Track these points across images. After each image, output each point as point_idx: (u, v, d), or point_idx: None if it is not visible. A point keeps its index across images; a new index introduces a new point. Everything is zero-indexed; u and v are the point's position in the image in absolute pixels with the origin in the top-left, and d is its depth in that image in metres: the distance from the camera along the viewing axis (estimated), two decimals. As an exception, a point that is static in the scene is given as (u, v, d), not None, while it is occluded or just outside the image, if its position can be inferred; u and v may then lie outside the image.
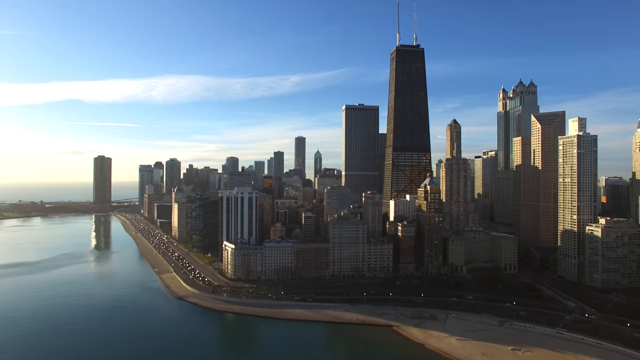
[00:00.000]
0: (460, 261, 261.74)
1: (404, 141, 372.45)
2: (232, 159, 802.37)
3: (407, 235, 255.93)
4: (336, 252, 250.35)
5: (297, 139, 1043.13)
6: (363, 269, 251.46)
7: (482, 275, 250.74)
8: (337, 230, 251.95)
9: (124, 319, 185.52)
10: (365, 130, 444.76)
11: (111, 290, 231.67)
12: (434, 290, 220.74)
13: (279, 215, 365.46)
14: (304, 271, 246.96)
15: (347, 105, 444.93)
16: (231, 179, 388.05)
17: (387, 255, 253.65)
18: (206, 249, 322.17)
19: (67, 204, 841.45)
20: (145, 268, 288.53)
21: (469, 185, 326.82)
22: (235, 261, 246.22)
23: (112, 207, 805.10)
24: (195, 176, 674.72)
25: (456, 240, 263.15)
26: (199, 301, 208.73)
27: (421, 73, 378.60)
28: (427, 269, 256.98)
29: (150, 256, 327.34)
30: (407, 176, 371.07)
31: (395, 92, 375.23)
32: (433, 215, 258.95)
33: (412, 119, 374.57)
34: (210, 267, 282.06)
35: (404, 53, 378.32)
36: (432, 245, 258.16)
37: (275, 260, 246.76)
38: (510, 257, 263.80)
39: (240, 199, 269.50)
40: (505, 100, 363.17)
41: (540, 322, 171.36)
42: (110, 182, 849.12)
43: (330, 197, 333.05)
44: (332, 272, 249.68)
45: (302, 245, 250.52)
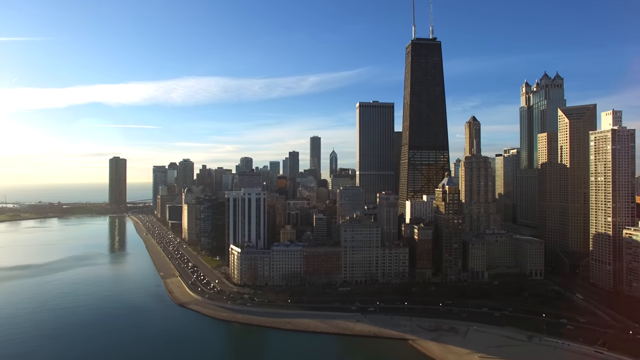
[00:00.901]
0: (481, 266, 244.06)
1: (421, 139, 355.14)
2: (245, 159, 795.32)
3: (424, 238, 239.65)
4: (348, 256, 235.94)
5: (312, 139, 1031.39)
6: (377, 275, 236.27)
7: (505, 282, 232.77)
8: (349, 234, 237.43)
9: (117, 326, 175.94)
10: (380, 128, 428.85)
11: (112, 295, 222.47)
12: (453, 298, 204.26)
13: (290, 217, 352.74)
14: (313, 277, 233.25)
15: (362, 102, 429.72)
16: (241, 179, 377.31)
17: (403, 260, 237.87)
18: (214, 252, 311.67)
19: (83, 204, 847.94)
20: (150, 271, 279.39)
21: (490, 184, 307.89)
22: (242, 266, 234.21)
23: (127, 208, 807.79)
24: (208, 177, 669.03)
25: (477, 243, 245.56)
26: (201, 309, 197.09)
27: (438, 68, 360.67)
28: (446, 275, 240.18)
29: (157, 259, 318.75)
30: (424, 175, 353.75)
31: (411, 87, 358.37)
32: (452, 217, 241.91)
33: (429, 115, 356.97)
34: (218, 271, 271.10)
35: (420, 47, 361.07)
36: (451, 249, 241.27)
37: (283, 265, 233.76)
38: (536, 262, 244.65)
39: (248, 200, 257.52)
40: (528, 95, 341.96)
41: (574, 337, 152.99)
42: (126, 183, 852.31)
43: (343, 197, 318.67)
44: (343, 278, 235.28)
45: (311, 250, 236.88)
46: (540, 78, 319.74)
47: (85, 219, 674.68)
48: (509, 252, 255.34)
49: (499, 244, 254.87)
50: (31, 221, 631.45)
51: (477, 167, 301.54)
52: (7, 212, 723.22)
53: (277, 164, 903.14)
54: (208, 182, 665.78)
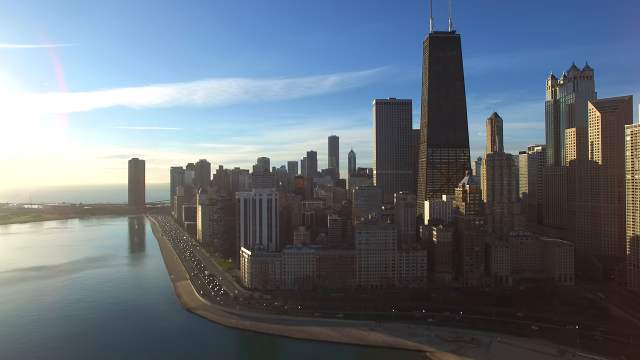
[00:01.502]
0: (505, 271, 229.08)
1: (440, 136, 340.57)
2: (263, 159, 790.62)
3: (443, 240, 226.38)
4: (363, 259, 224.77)
5: (330, 138, 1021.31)
6: (393, 279, 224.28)
7: (532, 288, 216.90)
8: (364, 236, 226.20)
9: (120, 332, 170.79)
10: (397, 126, 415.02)
11: (119, 299, 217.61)
12: (475, 305, 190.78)
13: (305, 218, 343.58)
14: (326, 281, 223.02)
15: (378, 99, 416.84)
16: (255, 179, 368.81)
17: (421, 263, 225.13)
18: (227, 254, 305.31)
19: (104, 205, 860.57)
20: (161, 274, 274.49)
21: (514, 183, 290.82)
22: (252, 269, 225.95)
23: (146, 208, 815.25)
24: (225, 177, 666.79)
25: (500, 246, 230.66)
26: (209, 314, 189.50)
27: (457, 62, 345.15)
28: (467, 280, 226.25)
29: (170, 261, 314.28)
30: (443, 174, 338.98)
31: (429, 83, 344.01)
32: (473, 218, 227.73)
33: (448, 112, 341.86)
34: (229, 274, 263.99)
35: (438, 40, 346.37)
36: (472, 252, 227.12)
37: (295, 268, 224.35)
38: (566, 267, 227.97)
39: (259, 201, 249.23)
40: (554, 88, 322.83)
41: (613, 353, 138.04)
42: (144, 184, 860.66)
43: (358, 198, 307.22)
44: (358, 282, 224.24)
45: (324, 252, 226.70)
46: (567, 70, 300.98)
47: (105, 219, 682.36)
48: (535, 255, 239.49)
49: (524, 247, 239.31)
50: (53, 222, 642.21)
51: (500, 165, 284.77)
52: (31, 212, 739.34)
53: (295, 164, 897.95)
54: (224, 182, 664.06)
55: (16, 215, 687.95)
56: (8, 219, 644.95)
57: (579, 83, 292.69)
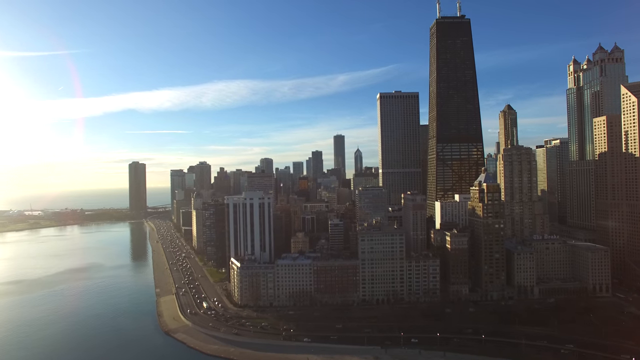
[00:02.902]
0: (530, 280, 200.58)
1: (450, 130, 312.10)
2: (265, 160, 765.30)
3: (458, 247, 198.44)
4: (367, 270, 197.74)
5: (336, 138, 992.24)
6: (402, 293, 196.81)
7: (562, 301, 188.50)
8: (368, 243, 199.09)
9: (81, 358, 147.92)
10: (403, 121, 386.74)
11: (92, 317, 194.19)
12: (498, 324, 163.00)
13: (305, 222, 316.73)
14: (325, 296, 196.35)
15: (382, 93, 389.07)
16: (251, 181, 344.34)
17: (433, 274, 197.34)
18: (220, 264, 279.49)
19: (106, 211, 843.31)
20: (147, 287, 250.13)
21: (534, 180, 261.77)
22: (242, 283, 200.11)
23: (147, 213, 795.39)
24: (225, 179, 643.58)
25: (524, 252, 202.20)
26: (188, 339, 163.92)
27: (468, 48, 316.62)
28: (486, 292, 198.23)
29: (159, 272, 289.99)
30: (454, 172, 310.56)
31: (437, 73, 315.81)
32: (492, 221, 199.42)
33: (459, 103, 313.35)
34: (219, 286, 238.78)
35: (446, 26, 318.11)
36: (492, 260, 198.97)
37: (290, 282, 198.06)
38: (601, 275, 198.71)
39: (250, 206, 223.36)
40: (577, 74, 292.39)
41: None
42: (145, 188, 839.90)
43: (362, 199, 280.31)
44: (361, 297, 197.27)
45: (323, 263, 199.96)
46: (593, 52, 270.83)
47: (105, 225, 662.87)
48: (564, 262, 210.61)
49: (550, 252, 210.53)
50: (51, 229, 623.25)
51: (519, 160, 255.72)
52: (30, 220, 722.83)
53: (301, 164, 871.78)
54: (225, 185, 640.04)
55: (13, 223, 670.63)
56: (4, 227, 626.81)
57: (607, 66, 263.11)
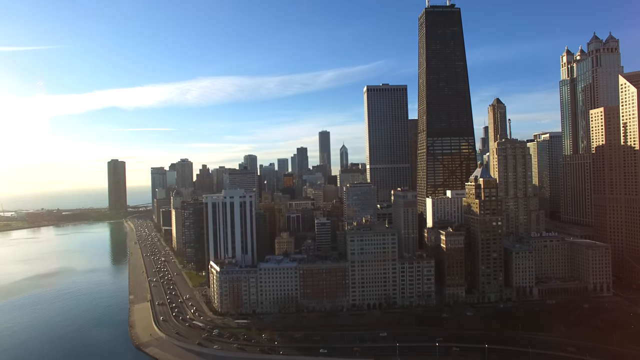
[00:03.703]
0: (529, 281, 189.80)
1: (441, 124, 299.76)
2: (249, 157, 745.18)
3: (454, 247, 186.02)
4: (357, 273, 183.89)
5: (321, 134, 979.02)
6: (394, 297, 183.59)
7: (563, 302, 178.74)
8: (358, 244, 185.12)
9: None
10: (391, 115, 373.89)
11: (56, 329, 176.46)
12: (499, 329, 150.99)
13: (290, 221, 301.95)
14: (312, 301, 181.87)
15: (369, 86, 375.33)
16: (232, 178, 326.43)
17: (427, 275, 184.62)
18: (200, 266, 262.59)
19: (84, 210, 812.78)
20: (120, 293, 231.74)
21: (529, 175, 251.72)
22: (221, 289, 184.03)
23: (128, 212, 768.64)
24: (207, 177, 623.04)
25: (522, 251, 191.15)
26: (160, 353, 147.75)
27: (458, 39, 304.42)
28: (483, 293, 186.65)
29: (135, 276, 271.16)
30: (445, 167, 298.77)
31: (427, 64, 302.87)
32: (490, 219, 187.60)
33: (450, 96, 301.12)
34: (199, 292, 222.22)
35: (435, 15, 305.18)
36: (489, 260, 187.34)
37: (274, 287, 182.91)
38: (602, 274, 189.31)
39: (230, 205, 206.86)
40: (570, 65, 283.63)
41: None
42: (125, 187, 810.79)
43: (350, 196, 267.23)
44: (351, 301, 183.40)
45: (309, 266, 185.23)
46: (588, 42, 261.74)
47: (83, 226, 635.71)
48: (563, 260, 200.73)
49: (548, 251, 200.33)
50: (24, 231, 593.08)
51: (513, 153, 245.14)
52: (2, 221, 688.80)
53: (285, 161, 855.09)
54: (207, 183, 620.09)
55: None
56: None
57: (602, 57, 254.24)
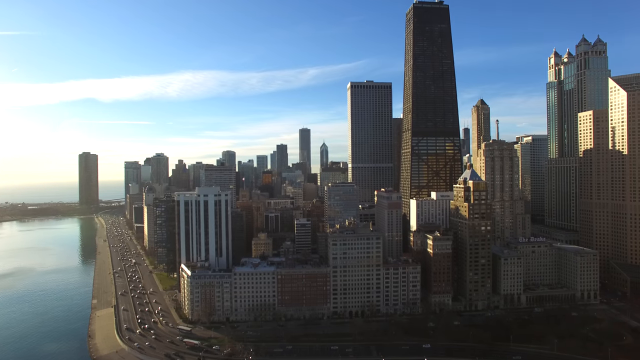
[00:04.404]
0: (517, 288, 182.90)
1: (427, 123, 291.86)
2: (228, 153, 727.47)
3: (441, 252, 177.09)
4: (339, 279, 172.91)
5: (302, 131, 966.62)
6: (378, 304, 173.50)
7: (551, 310, 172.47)
8: (340, 248, 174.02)
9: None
10: (375, 113, 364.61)
11: (4, 338, 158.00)
12: (489, 340, 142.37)
13: (269, 220, 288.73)
14: (291, 309, 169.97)
15: (353, 82, 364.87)
16: (208, 175, 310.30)
17: (413, 282, 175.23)
18: (172, 268, 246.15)
19: (53, 205, 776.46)
20: (82, 297, 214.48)
21: (516, 178, 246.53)
22: (193, 295, 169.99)
23: (99, 208, 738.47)
24: (183, 173, 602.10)
25: (510, 257, 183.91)
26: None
27: (446, 36, 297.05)
28: (470, 301, 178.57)
29: (101, 277, 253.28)
30: (430, 168, 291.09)
31: (414, 61, 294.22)
32: (479, 223, 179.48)
33: (436, 94, 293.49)
34: (169, 296, 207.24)
35: (423, 11, 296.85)
36: (478, 266, 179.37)
37: (250, 293, 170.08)
38: (589, 281, 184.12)
39: (204, 204, 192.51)
40: (558, 67, 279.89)
41: None
42: (97, 181, 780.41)
43: (332, 197, 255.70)
44: (332, 309, 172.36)
45: (288, 271, 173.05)
46: (576, 44, 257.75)
47: (50, 222, 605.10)
48: (550, 266, 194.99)
49: (536, 256, 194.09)
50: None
51: (500, 155, 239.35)
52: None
53: (265, 158, 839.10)
54: (183, 179, 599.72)
55: None
56: None
57: (591, 59, 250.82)
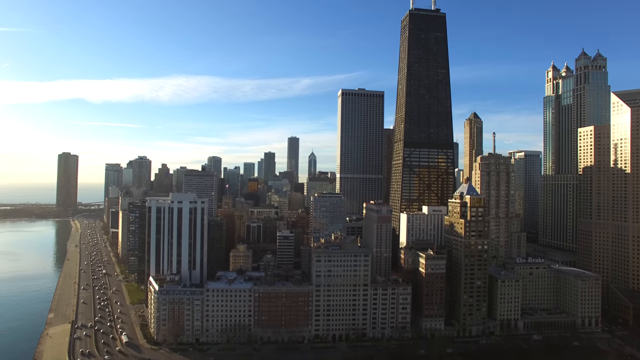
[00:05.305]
0: (514, 313, 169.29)
1: (420, 134, 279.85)
2: (214, 159, 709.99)
3: (434, 272, 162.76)
4: (322, 299, 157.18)
5: (290, 140, 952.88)
6: (364, 328, 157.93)
7: (551, 338, 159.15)
8: (325, 265, 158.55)
9: None
10: (366, 122, 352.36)
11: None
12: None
13: (250, 231, 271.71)
14: (268, 331, 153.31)
15: (345, 89, 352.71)
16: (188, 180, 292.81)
17: (403, 304, 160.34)
18: (142, 279, 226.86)
19: (26, 206, 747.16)
20: (37, 311, 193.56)
21: (512, 193, 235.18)
22: (159, 312, 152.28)
23: (77, 210, 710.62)
24: (166, 177, 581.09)
25: (508, 279, 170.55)
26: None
27: (442, 45, 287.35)
28: (464, 326, 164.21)
29: (63, 288, 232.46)
30: (421, 180, 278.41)
31: (408, 69, 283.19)
32: (475, 242, 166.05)
33: (430, 104, 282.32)
34: (136, 312, 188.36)
35: (419, 19, 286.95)
36: (473, 289, 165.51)
37: (223, 312, 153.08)
38: (591, 307, 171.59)
39: (177, 211, 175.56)
40: (556, 81, 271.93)
41: None
42: (76, 183, 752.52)
43: (318, 208, 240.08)
44: (314, 332, 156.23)
45: (266, 289, 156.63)
46: (576, 58, 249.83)
47: (22, 224, 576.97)
48: (548, 289, 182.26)
49: (534, 279, 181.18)
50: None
51: (497, 170, 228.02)
52: None
53: (252, 165, 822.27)
54: (166, 183, 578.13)
55: None
56: None
57: (590, 74, 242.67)
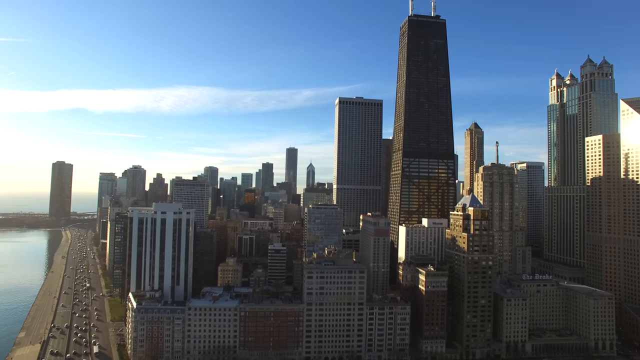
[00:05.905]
0: (521, 334, 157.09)
1: (419, 143, 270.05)
2: (210, 169, 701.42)
3: (435, 290, 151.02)
4: (314, 318, 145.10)
5: (289, 150, 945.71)
6: (359, 350, 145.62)
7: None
8: (317, 282, 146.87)
9: None
10: (364, 131, 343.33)
11: None
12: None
13: (243, 243, 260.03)
14: (255, 353, 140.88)
15: (342, 98, 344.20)
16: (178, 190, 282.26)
17: (402, 325, 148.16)
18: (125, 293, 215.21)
19: (18, 215, 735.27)
20: (7, 328, 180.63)
21: (517, 206, 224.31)
22: (137, 332, 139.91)
23: (70, 220, 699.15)
24: (161, 187, 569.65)
25: (514, 298, 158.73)
26: None
27: (442, 52, 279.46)
28: (467, 349, 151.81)
29: (42, 302, 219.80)
30: (421, 192, 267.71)
31: (407, 77, 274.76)
32: (479, 257, 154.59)
33: (430, 113, 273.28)
34: (116, 329, 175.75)
35: (419, 25, 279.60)
36: (477, 308, 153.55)
37: (206, 332, 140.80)
38: (605, 328, 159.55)
39: (161, 223, 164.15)
40: (560, 89, 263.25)
41: None
42: (70, 192, 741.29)
43: (313, 219, 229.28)
44: (305, 354, 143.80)
45: (253, 307, 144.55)
46: (581, 65, 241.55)
47: (12, 233, 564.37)
48: (557, 308, 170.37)
49: (542, 297, 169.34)
50: None
51: (500, 181, 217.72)
52: None
53: (250, 176, 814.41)
54: (161, 193, 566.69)
55: None
56: None
57: (597, 81, 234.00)
